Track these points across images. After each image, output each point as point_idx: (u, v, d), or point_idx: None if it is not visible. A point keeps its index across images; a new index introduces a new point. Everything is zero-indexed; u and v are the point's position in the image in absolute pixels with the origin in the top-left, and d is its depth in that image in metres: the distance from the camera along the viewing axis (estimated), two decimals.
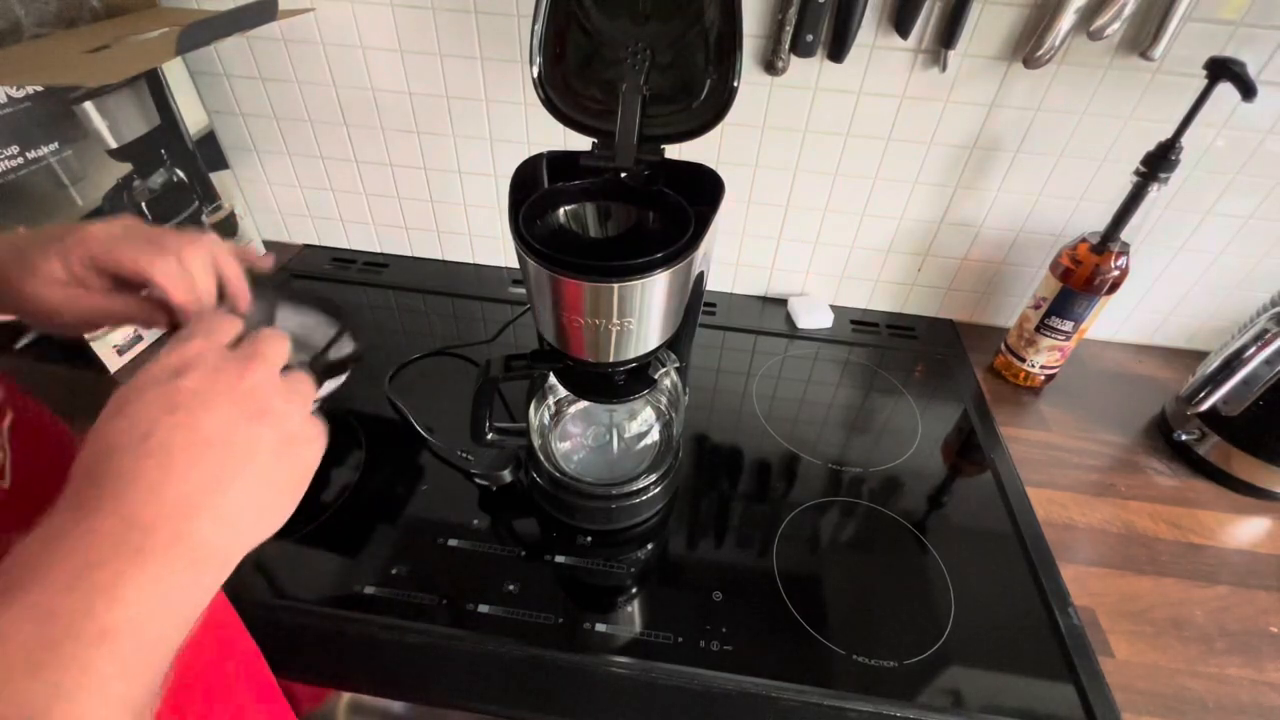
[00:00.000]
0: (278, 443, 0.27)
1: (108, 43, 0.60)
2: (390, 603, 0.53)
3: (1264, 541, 0.65)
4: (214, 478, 0.24)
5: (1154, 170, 0.64)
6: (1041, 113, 0.71)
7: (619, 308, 0.42)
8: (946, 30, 0.65)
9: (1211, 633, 0.56)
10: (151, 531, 0.22)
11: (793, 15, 0.66)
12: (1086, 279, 0.70)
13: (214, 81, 0.81)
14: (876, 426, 0.75)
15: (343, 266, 0.94)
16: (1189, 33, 0.63)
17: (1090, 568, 0.61)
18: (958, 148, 0.75)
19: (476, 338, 0.81)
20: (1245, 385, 0.65)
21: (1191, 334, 0.88)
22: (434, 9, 0.71)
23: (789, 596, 0.56)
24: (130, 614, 0.21)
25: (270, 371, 0.28)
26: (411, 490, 0.63)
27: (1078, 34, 0.64)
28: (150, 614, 0.21)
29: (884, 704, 0.49)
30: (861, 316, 0.92)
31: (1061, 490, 0.68)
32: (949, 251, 0.85)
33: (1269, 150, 0.70)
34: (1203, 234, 0.78)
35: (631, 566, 0.58)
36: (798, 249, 0.87)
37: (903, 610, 0.56)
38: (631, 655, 0.51)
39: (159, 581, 0.22)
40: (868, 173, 0.78)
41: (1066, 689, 0.51)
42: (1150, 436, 0.76)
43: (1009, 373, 0.82)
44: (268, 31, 0.75)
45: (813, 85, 0.72)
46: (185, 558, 0.23)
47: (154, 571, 0.22)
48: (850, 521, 0.64)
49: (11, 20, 0.63)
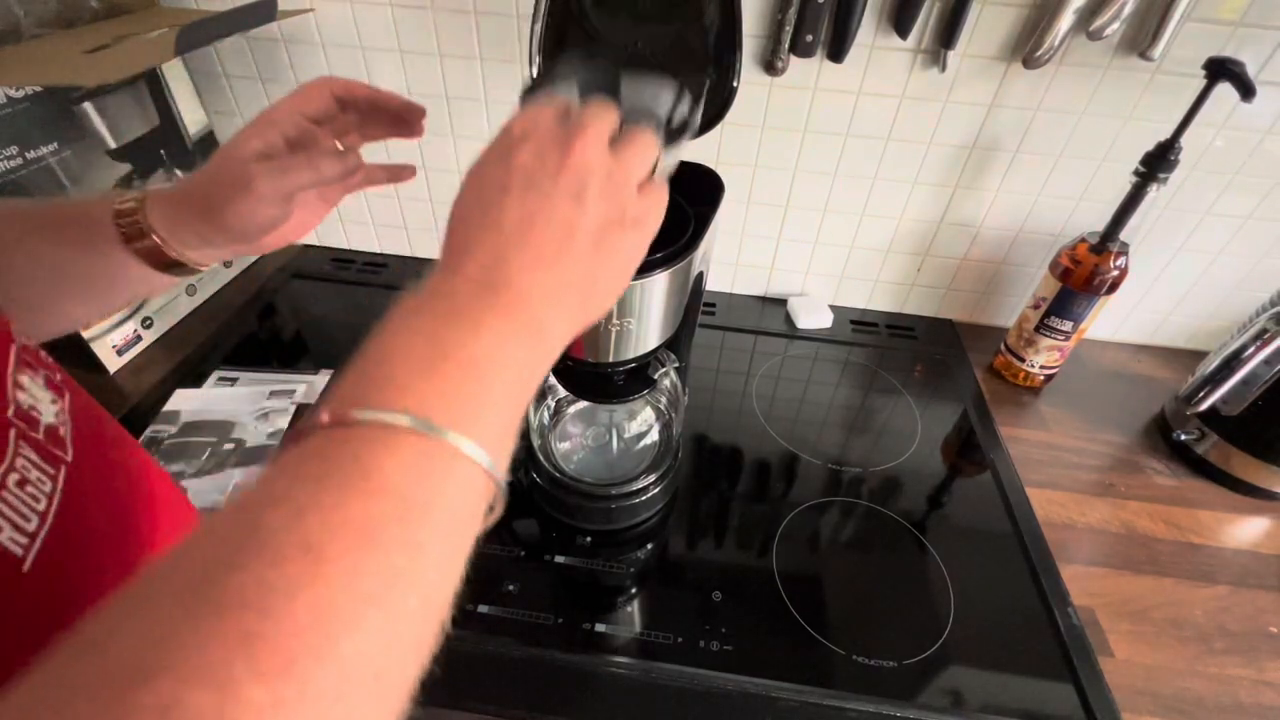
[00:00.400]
0: (598, 227, 0.27)
1: (107, 43, 0.60)
2: None
3: (1263, 541, 0.65)
4: (537, 256, 0.26)
5: (1153, 170, 0.64)
6: (1041, 113, 0.71)
7: (618, 308, 0.42)
8: (946, 30, 0.65)
9: (1211, 632, 0.56)
10: (498, 291, 0.25)
11: (792, 15, 0.66)
12: (1086, 279, 0.71)
13: (213, 82, 0.81)
14: (876, 426, 0.75)
15: (342, 267, 0.94)
16: (1188, 33, 0.63)
17: (1090, 567, 0.61)
18: (957, 148, 0.75)
19: None
20: (1244, 385, 0.65)
21: (1191, 334, 0.88)
22: (433, 9, 0.71)
23: (789, 596, 0.56)
24: (489, 351, 0.24)
25: (597, 148, 0.28)
26: None
27: (1077, 34, 0.64)
28: (504, 358, 0.24)
29: (884, 704, 0.49)
30: (861, 316, 0.92)
31: (1061, 490, 0.68)
32: (948, 251, 0.85)
33: (1268, 150, 0.70)
34: (1202, 234, 0.78)
35: (631, 566, 0.58)
36: (797, 249, 0.87)
37: (902, 610, 0.56)
38: (631, 655, 0.51)
39: (507, 336, 0.24)
40: (867, 173, 0.79)
41: (1066, 689, 0.51)
42: (1150, 436, 0.76)
43: (1008, 373, 0.82)
44: (267, 32, 0.75)
45: (812, 85, 0.72)
46: (523, 319, 0.25)
47: (502, 326, 0.24)
48: (850, 521, 0.64)
49: (11, 21, 0.63)
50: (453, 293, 0.25)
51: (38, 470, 0.25)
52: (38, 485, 0.25)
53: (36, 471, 0.25)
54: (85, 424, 0.30)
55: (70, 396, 0.30)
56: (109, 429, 0.33)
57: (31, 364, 0.28)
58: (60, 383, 0.29)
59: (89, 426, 0.30)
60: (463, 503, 0.21)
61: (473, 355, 0.23)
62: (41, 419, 0.27)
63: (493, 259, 0.25)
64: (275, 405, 0.69)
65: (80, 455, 0.28)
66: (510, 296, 0.25)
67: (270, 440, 0.65)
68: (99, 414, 0.32)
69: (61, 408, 0.29)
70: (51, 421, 0.27)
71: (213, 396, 0.70)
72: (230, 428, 0.66)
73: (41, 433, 0.26)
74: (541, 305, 0.26)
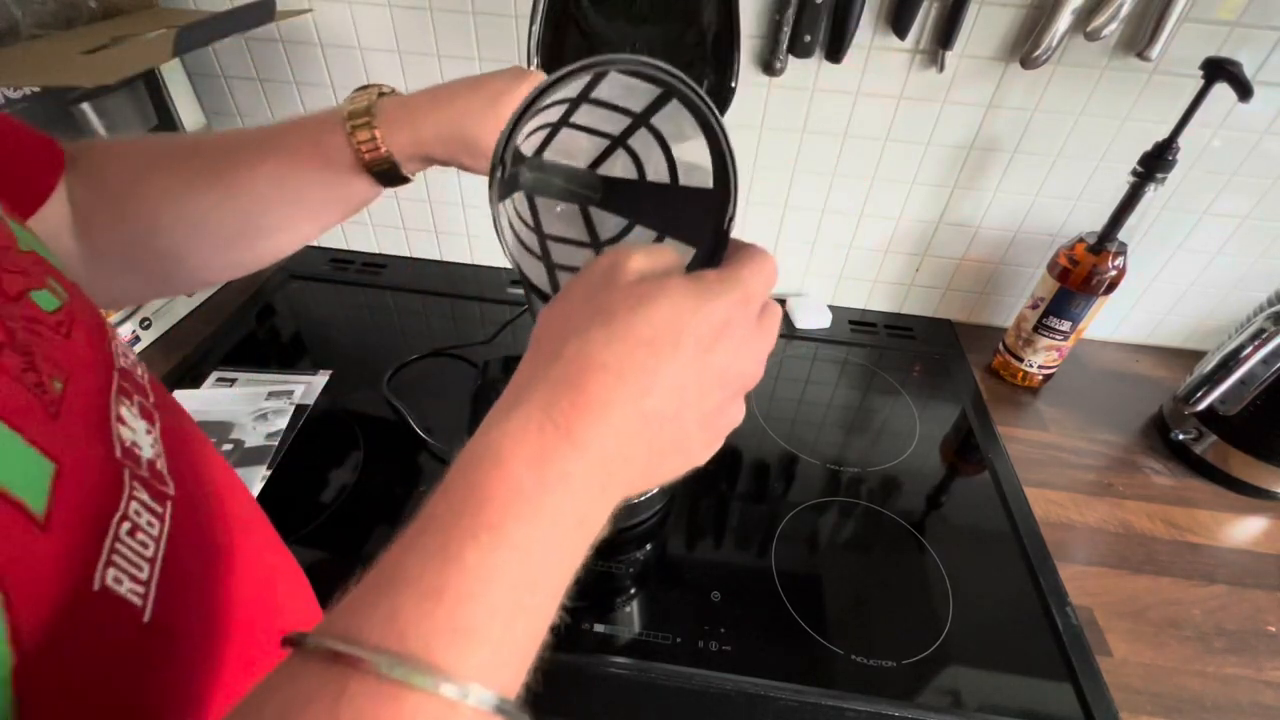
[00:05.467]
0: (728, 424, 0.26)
1: (105, 43, 0.60)
2: None
3: (1261, 541, 0.65)
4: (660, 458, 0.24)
5: (1151, 170, 0.65)
6: (1039, 113, 0.71)
7: None
8: (944, 31, 0.65)
9: (1209, 632, 0.56)
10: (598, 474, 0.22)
11: (790, 16, 0.66)
12: (1084, 279, 0.71)
13: (212, 83, 0.81)
14: (875, 426, 0.75)
15: (341, 267, 0.94)
16: (1186, 33, 0.63)
17: (1088, 567, 0.61)
18: (955, 148, 0.75)
19: (475, 338, 0.81)
20: (1242, 384, 0.65)
21: (1189, 333, 0.88)
22: (432, 10, 0.71)
23: (787, 597, 0.56)
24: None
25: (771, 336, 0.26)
26: (410, 491, 0.63)
27: (1075, 34, 0.64)
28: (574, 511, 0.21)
29: (882, 704, 0.49)
30: (860, 316, 0.92)
31: (1059, 490, 0.68)
32: (947, 252, 0.85)
33: (1266, 150, 0.70)
34: (1200, 234, 0.78)
35: (630, 567, 0.58)
36: (796, 249, 0.87)
37: (901, 610, 0.56)
38: (630, 655, 0.51)
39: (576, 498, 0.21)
40: (865, 173, 0.79)
41: (1064, 688, 0.51)
42: (1148, 436, 0.76)
43: (1007, 372, 0.82)
44: (266, 32, 0.75)
45: (810, 86, 0.72)
46: (603, 479, 0.22)
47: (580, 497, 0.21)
48: (848, 521, 0.64)
49: (9, 21, 0.62)
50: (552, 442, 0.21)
51: (148, 513, 0.23)
52: (147, 530, 0.23)
53: (147, 515, 0.23)
54: (176, 450, 0.28)
55: (161, 420, 0.28)
56: (197, 450, 0.31)
57: (128, 390, 0.26)
58: (152, 407, 0.28)
59: (180, 453, 0.28)
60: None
61: None
62: (143, 454, 0.25)
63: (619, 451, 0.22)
64: (274, 406, 0.69)
65: (179, 487, 0.26)
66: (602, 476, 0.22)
67: (269, 440, 0.65)
68: (187, 433, 0.31)
69: (155, 437, 0.27)
70: (150, 455, 0.25)
71: (211, 397, 0.70)
72: (229, 428, 0.66)
73: (145, 469, 0.25)
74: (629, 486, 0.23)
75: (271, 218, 0.39)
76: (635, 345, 0.22)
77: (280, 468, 0.64)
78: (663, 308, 0.22)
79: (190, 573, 0.25)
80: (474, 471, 0.21)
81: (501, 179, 0.28)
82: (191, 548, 0.25)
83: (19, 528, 0.18)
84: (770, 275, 0.26)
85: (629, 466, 0.23)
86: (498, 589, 0.19)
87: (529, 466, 0.20)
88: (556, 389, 0.21)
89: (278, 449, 0.65)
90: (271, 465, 0.63)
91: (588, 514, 0.22)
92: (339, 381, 0.74)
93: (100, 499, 0.21)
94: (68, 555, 0.19)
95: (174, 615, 0.23)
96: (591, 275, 0.24)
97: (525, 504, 0.20)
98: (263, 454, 0.64)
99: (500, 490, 0.20)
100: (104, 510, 0.21)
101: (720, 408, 0.25)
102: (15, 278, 0.22)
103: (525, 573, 0.20)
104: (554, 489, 0.21)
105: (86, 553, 0.20)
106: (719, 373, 0.24)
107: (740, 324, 0.24)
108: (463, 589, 0.19)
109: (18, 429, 0.19)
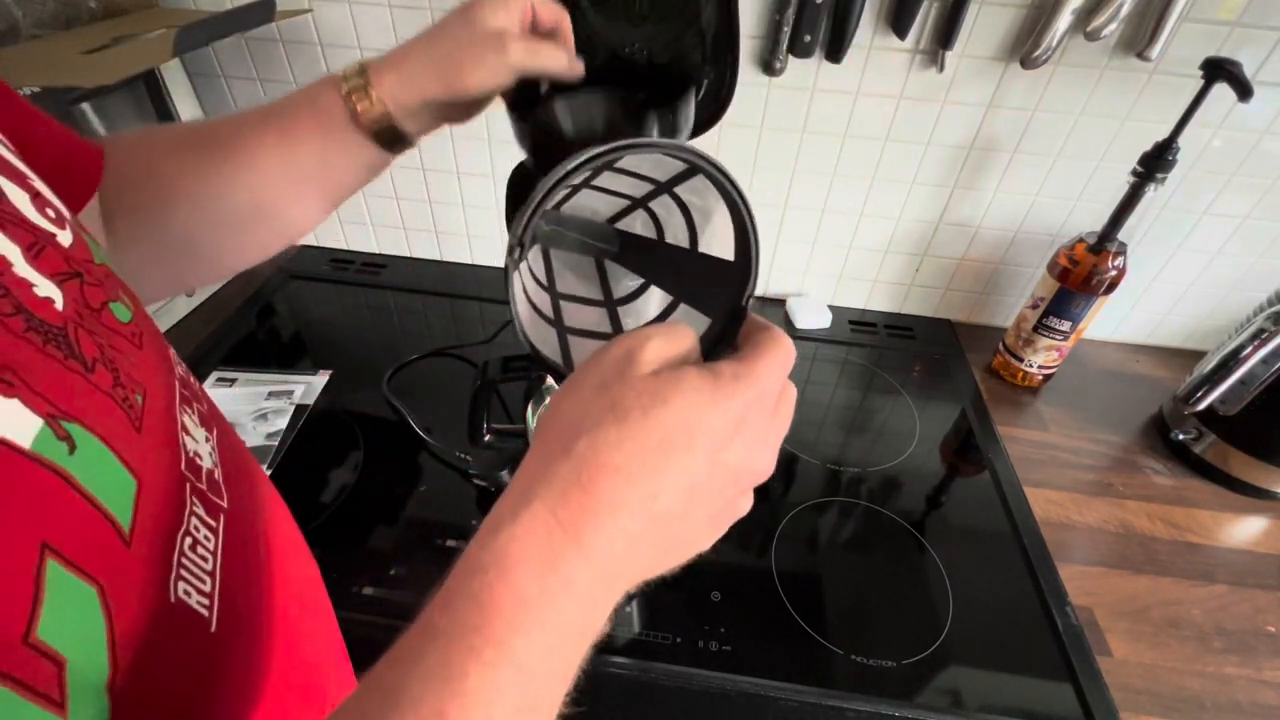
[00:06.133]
0: (736, 515, 0.25)
1: (105, 43, 0.60)
2: (389, 604, 0.53)
3: (1261, 540, 0.65)
4: (665, 555, 0.23)
5: (1151, 170, 0.65)
6: (1039, 113, 0.71)
7: None
8: (944, 31, 0.65)
9: (1209, 632, 0.56)
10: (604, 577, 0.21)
11: (790, 16, 0.66)
12: (1084, 279, 0.71)
13: (212, 83, 0.81)
14: (875, 426, 0.75)
15: (341, 267, 0.94)
16: (1186, 33, 0.63)
17: (1088, 567, 0.61)
18: (955, 148, 0.75)
19: (475, 338, 0.81)
20: (1242, 384, 0.65)
21: (1189, 333, 0.88)
22: (431, 9, 0.71)
23: (787, 596, 0.56)
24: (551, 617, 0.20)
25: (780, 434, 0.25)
26: (410, 491, 0.63)
27: (1075, 34, 0.64)
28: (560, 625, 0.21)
29: (882, 704, 0.49)
30: (860, 316, 0.92)
31: (1059, 490, 0.68)
32: (947, 252, 0.85)
33: (1265, 150, 0.70)
34: (1200, 234, 0.78)
35: None
36: (796, 249, 0.87)
37: (901, 610, 0.56)
38: (630, 655, 0.51)
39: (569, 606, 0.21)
40: (865, 173, 0.79)
41: (1064, 688, 0.51)
42: (1148, 436, 0.76)
43: (1007, 372, 0.82)
44: (265, 32, 0.75)
45: (810, 86, 0.72)
46: (609, 582, 0.22)
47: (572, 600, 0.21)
48: (849, 521, 0.64)
49: (9, 21, 0.62)
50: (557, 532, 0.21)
51: (205, 528, 0.24)
52: (205, 544, 0.23)
53: (204, 529, 0.24)
54: (229, 460, 0.28)
55: (218, 430, 0.28)
56: (242, 457, 0.31)
57: (188, 399, 0.26)
58: (208, 414, 0.28)
59: (232, 460, 0.28)
60: None
61: None
62: (203, 465, 0.25)
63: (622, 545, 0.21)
64: (274, 406, 0.69)
65: (233, 499, 0.27)
66: (608, 579, 0.22)
67: (269, 440, 0.65)
68: (236, 442, 0.31)
69: (213, 445, 0.27)
70: (209, 466, 0.26)
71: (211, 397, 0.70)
72: None
73: (204, 481, 0.25)
74: (631, 581, 0.23)
75: (279, 192, 0.38)
76: (647, 447, 0.21)
77: (280, 468, 0.64)
78: (677, 408, 0.21)
79: (240, 584, 0.25)
80: (478, 580, 0.20)
81: (520, 257, 0.27)
82: (240, 559, 0.26)
83: (113, 544, 0.19)
84: (788, 362, 0.25)
85: (634, 567, 0.22)
86: (499, 711, 0.19)
87: (534, 576, 0.20)
88: (566, 489, 0.21)
89: (278, 449, 0.65)
90: (271, 465, 0.63)
91: (591, 619, 0.22)
92: (339, 381, 0.74)
93: (169, 514, 0.22)
94: (149, 569, 0.20)
95: (231, 625, 0.24)
96: (604, 364, 0.23)
97: (529, 615, 0.20)
98: (263, 454, 0.64)
99: (505, 602, 0.20)
100: (172, 526, 0.22)
101: (730, 503, 0.24)
102: (96, 290, 0.23)
103: (527, 692, 0.20)
104: (559, 597, 0.20)
105: (163, 567, 0.21)
106: (732, 471, 0.23)
107: (755, 421, 0.23)
108: (464, 713, 0.18)
109: (112, 446, 0.19)
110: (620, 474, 0.21)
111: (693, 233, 0.31)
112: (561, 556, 0.20)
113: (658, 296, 0.34)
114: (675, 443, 0.21)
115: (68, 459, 0.18)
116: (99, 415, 0.19)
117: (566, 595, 0.20)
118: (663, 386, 0.22)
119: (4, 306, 0.18)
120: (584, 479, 0.21)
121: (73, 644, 0.16)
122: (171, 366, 0.26)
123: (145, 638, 0.19)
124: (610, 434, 0.21)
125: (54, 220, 0.22)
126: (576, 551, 0.21)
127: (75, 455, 0.18)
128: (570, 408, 0.23)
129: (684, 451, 0.21)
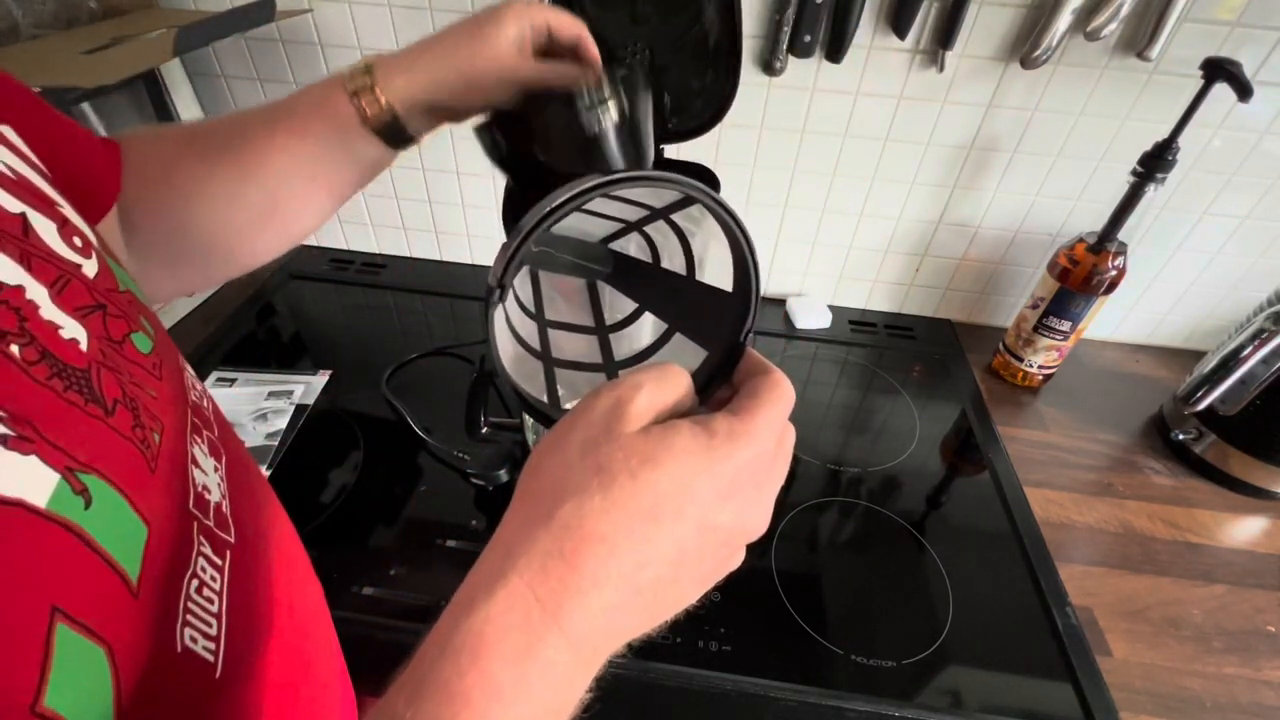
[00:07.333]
0: (726, 572, 0.24)
1: (105, 44, 0.60)
2: (389, 604, 0.53)
3: (1261, 541, 0.65)
4: (650, 620, 0.23)
5: (1151, 170, 0.65)
6: (1039, 113, 0.71)
7: None
8: (944, 31, 0.65)
9: (1209, 632, 0.56)
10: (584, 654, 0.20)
11: (790, 16, 0.66)
12: (1084, 279, 0.71)
13: (211, 83, 0.81)
14: (875, 426, 0.75)
15: (340, 267, 0.94)
16: (1186, 33, 0.63)
17: (1088, 567, 0.61)
18: (955, 148, 0.75)
19: (474, 338, 0.81)
20: (1242, 384, 0.65)
21: (1189, 333, 0.88)
22: (431, 9, 0.71)
23: (787, 596, 0.56)
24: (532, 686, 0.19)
25: None
26: (409, 491, 0.63)
27: (1075, 34, 0.64)
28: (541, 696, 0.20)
29: (882, 704, 0.49)
30: (860, 317, 0.92)
31: (1059, 490, 0.68)
32: (947, 252, 0.85)
33: (1265, 150, 0.70)
34: (1200, 234, 0.78)
35: None
36: (796, 249, 0.87)
37: (901, 610, 0.56)
38: (630, 655, 0.51)
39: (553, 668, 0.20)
40: (865, 173, 0.79)
41: (1064, 688, 0.51)
42: (1148, 436, 0.76)
43: (1007, 372, 0.82)
44: (265, 32, 0.75)
45: (810, 86, 0.72)
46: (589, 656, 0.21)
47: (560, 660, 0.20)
48: (848, 521, 0.64)
49: (9, 22, 0.62)
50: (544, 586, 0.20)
51: (211, 568, 0.23)
52: (211, 585, 0.23)
53: (210, 570, 0.23)
54: (237, 484, 0.28)
55: (225, 454, 0.28)
56: (252, 481, 0.30)
57: (198, 427, 0.26)
58: (219, 441, 0.28)
59: (240, 487, 0.28)
60: None
61: None
62: (211, 499, 0.25)
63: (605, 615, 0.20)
64: (274, 405, 0.69)
65: (240, 532, 0.26)
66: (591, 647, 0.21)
67: (269, 440, 0.65)
68: (247, 466, 0.30)
69: (222, 475, 0.26)
70: (217, 499, 0.25)
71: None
72: None
73: (211, 516, 0.24)
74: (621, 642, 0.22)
75: (291, 191, 0.39)
76: (635, 515, 0.20)
77: (280, 467, 0.64)
78: (668, 471, 0.20)
79: (244, 625, 0.25)
80: (449, 666, 0.19)
81: (500, 299, 0.26)
82: (245, 595, 0.26)
83: (121, 597, 0.18)
84: (787, 409, 0.24)
85: (616, 637, 0.22)
86: None
87: (510, 662, 0.19)
88: (547, 561, 0.20)
89: (278, 449, 0.65)
90: (271, 465, 0.63)
91: (566, 699, 0.21)
92: (339, 381, 0.74)
93: (177, 559, 0.21)
94: (155, 619, 0.20)
95: (235, 667, 0.23)
96: (592, 417, 0.21)
97: (501, 709, 0.18)
98: (263, 454, 0.64)
99: (475, 695, 0.18)
100: (179, 571, 0.21)
101: (722, 563, 0.23)
102: (119, 323, 0.22)
103: None
104: (535, 685, 0.19)
105: (169, 615, 0.20)
106: (725, 533, 0.22)
107: (750, 482, 0.22)
108: None
109: (126, 494, 0.19)
110: (605, 544, 0.20)
111: (689, 260, 0.31)
112: (541, 640, 0.19)
113: (651, 324, 0.33)
114: (665, 510, 0.20)
115: (82, 514, 0.17)
116: (116, 462, 0.19)
117: (543, 681, 0.19)
118: (653, 447, 0.20)
119: (30, 354, 0.18)
120: (566, 549, 0.20)
121: (80, 709, 0.16)
122: (186, 395, 0.26)
123: (152, 692, 0.19)
124: (596, 501, 0.20)
125: (80, 250, 0.22)
126: (558, 634, 0.19)
127: (90, 510, 0.18)
128: (554, 465, 0.21)
129: (673, 519, 0.20)
